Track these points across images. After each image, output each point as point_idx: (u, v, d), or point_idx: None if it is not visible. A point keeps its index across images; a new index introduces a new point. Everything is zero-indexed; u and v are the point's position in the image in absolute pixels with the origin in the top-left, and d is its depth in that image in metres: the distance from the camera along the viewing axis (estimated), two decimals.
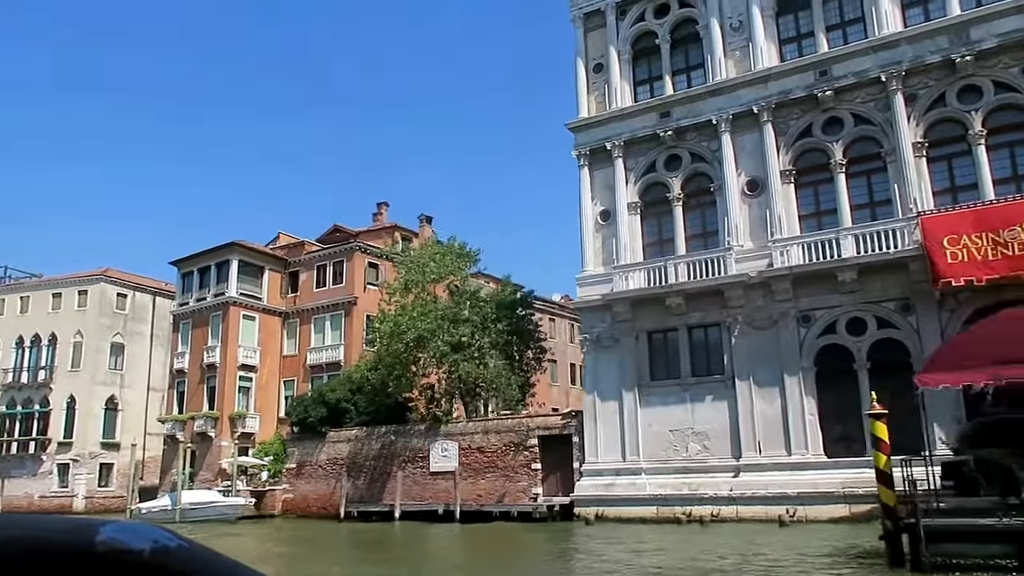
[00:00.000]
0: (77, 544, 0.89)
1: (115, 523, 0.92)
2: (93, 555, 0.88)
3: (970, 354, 12.05)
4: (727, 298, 26.20)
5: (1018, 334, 11.89)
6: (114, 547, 0.89)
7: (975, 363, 11.82)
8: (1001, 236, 21.68)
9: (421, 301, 33.17)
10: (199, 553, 0.95)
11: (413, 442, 32.70)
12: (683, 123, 28.59)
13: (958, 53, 24.04)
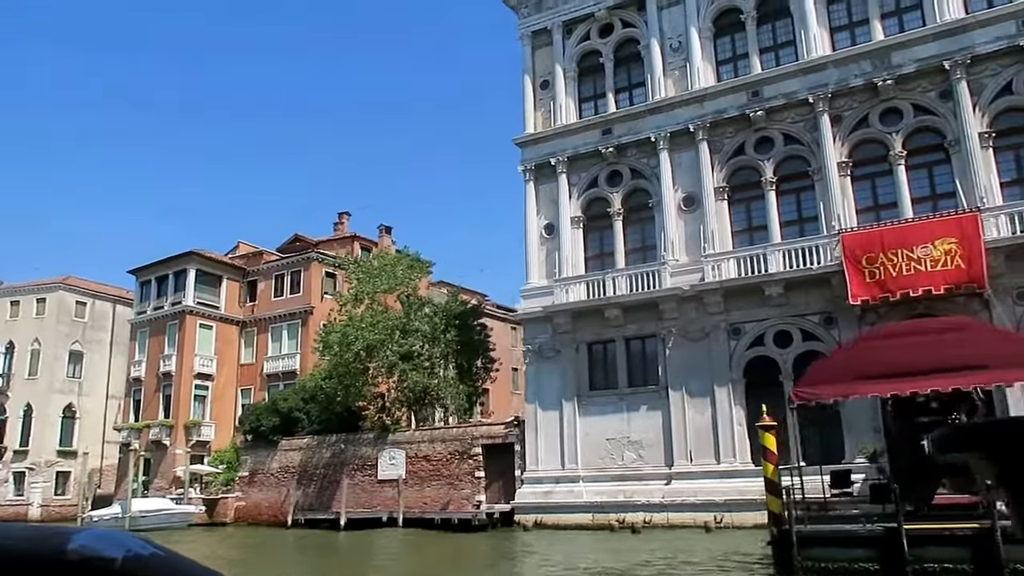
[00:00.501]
0: (47, 552, 0.87)
1: (88, 531, 0.92)
2: (64, 563, 0.86)
3: (840, 370, 12.83)
4: (662, 311, 26.99)
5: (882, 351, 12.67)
6: (85, 555, 0.87)
7: (843, 378, 12.60)
8: (915, 253, 22.64)
9: (371, 312, 33.69)
10: (173, 561, 0.92)
11: (362, 450, 33.17)
12: (624, 140, 29.42)
13: (880, 77, 25.06)
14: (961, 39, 24.18)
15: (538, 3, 32.44)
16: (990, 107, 23.82)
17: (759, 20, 28.30)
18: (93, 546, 0.88)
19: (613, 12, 30.88)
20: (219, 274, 44.26)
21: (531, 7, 32.59)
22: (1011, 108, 23.71)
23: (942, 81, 24.44)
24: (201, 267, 43.22)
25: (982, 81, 23.98)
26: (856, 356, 13.15)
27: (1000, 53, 23.68)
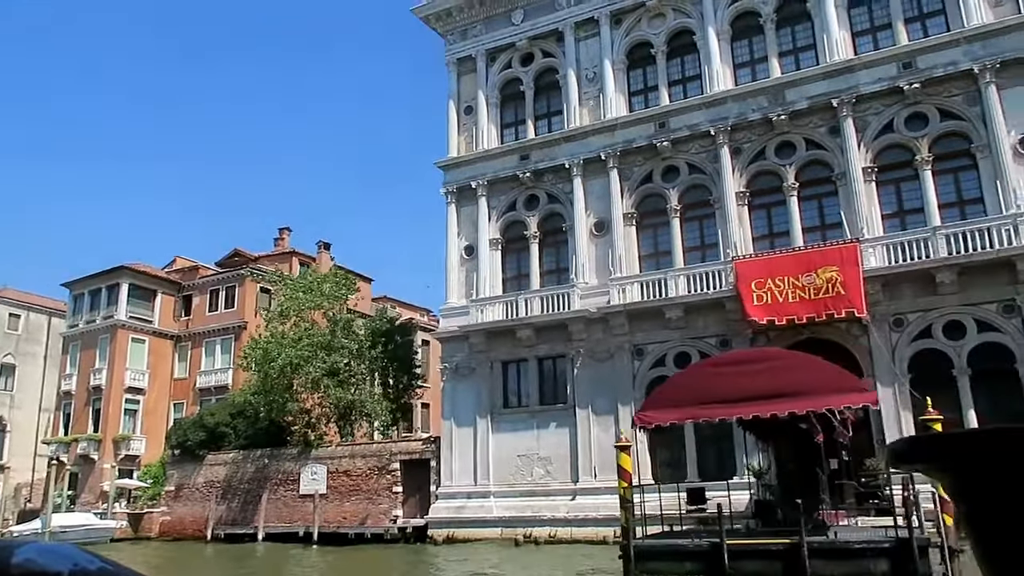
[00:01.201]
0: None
1: (33, 544, 0.87)
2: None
3: (678, 395, 13.84)
4: (571, 332, 27.98)
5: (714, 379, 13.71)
6: (30, 569, 0.81)
7: (680, 404, 13.61)
8: (800, 280, 23.92)
9: (295, 329, 34.23)
10: (120, 575, 0.87)
11: (286, 465, 33.61)
12: (541, 166, 30.48)
13: (775, 112, 26.44)
14: (848, 79, 25.67)
15: (464, 31, 33.48)
16: (873, 143, 25.29)
17: (668, 55, 29.61)
18: (38, 560, 0.85)
19: (534, 42, 32.02)
20: (153, 288, 44.42)
21: (457, 35, 33.61)
22: (892, 145, 25.20)
23: (831, 118, 25.88)
24: (134, 281, 43.36)
25: (866, 119, 25.46)
26: (691, 383, 14.17)
27: (882, 93, 25.18)
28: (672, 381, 14.87)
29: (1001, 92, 23.68)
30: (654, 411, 14.06)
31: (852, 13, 26.86)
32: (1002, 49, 23.72)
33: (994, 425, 1.09)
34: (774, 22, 27.85)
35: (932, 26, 25.57)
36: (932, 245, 23.09)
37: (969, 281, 22.74)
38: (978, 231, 22.66)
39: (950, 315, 23.03)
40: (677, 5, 29.51)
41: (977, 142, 23.89)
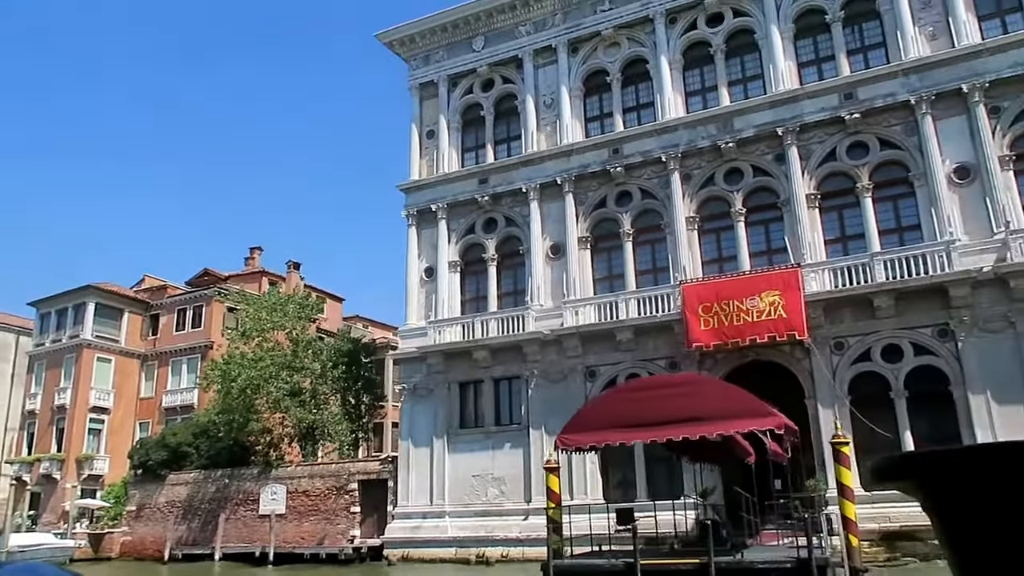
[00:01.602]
0: None
1: (10, 566, 1.25)
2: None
3: (596, 419, 14.28)
4: (525, 353, 28.40)
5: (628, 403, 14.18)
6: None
7: (598, 427, 14.05)
8: (744, 304, 24.50)
9: (258, 349, 34.45)
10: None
11: (246, 485, 33.71)
12: (499, 190, 31.01)
13: (723, 140, 27.14)
14: (793, 108, 26.42)
15: (426, 57, 34.10)
16: (816, 171, 26.01)
17: (623, 82, 30.33)
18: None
19: (494, 68, 32.68)
20: (120, 307, 44.52)
21: (420, 60, 34.23)
22: (834, 172, 25.93)
23: (777, 146, 26.59)
24: (101, 300, 43.45)
25: (810, 147, 26.19)
26: (609, 407, 14.62)
27: (825, 122, 25.93)
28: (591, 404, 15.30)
29: (936, 123, 24.48)
30: (574, 434, 14.49)
31: (798, 45, 27.69)
32: (937, 81, 24.55)
33: (971, 444, 1.21)
34: (723, 52, 28.63)
35: (873, 58, 26.42)
36: (871, 270, 23.75)
37: (906, 306, 23.39)
38: (913, 257, 23.35)
39: (888, 339, 23.65)
40: (631, 35, 30.27)
41: (915, 171, 24.65)
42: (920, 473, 1.13)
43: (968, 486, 1.07)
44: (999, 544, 1.06)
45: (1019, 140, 23.83)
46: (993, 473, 1.04)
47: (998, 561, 1.06)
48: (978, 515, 1.07)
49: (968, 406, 22.21)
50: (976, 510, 1.07)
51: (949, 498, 1.10)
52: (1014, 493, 1.02)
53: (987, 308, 22.50)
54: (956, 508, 1.09)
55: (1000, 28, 24.87)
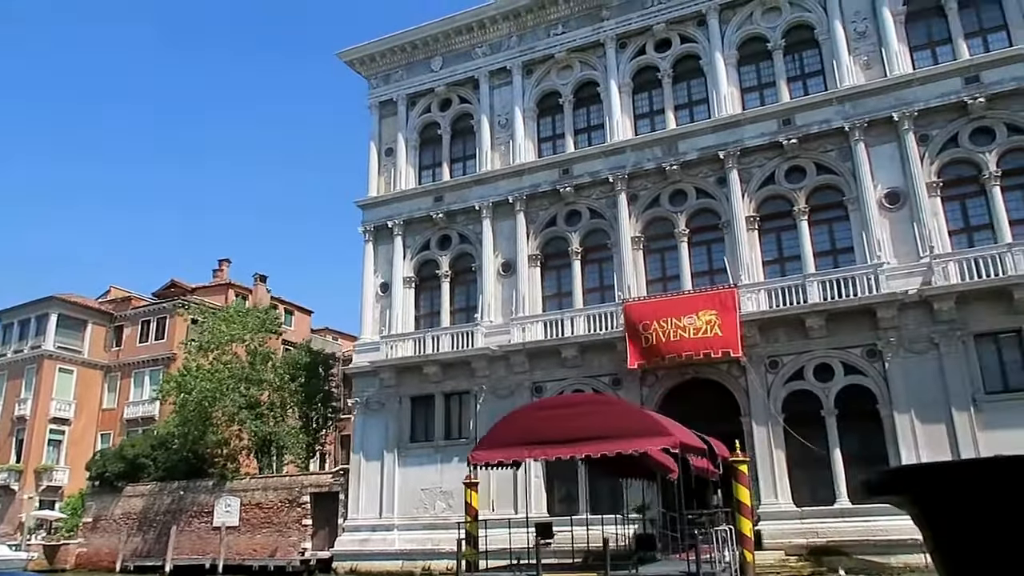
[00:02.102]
0: None
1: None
2: None
3: (509, 435, 14.79)
4: (474, 368, 28.90)
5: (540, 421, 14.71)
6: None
7: (510, 443, 14.56)
8: (682, 322, 25.14)
9: (215, 362, 34.74)
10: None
11: (201, 497, 33.91)
12: (453, 207, 31.59)
13: (668, 162, 27.86)
14: (734, 132, 27.19)
15: (386, 76, 34.71)
16: (756, 194, 26.75)
17: (575, 104, 31.05)
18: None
19: (451, 88, 33.33)
20: (84, 319, 44.66)
21: (380, 79, 34.83)
22: (773, 196, 26.68)
23: (719, 169, 27.33)
24: (64, 311, 43.59)
25: (751, 170, 26.94)
26: (518, 424, 15.11)
27: (765, 147, 26.71)
28: (503, 422, 15.80)
29: (869, 149, 25.31)
30: (485, 450, 14.99)
31: (742, 71, 28.51)
32: (869, 109, 25.40)
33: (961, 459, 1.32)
34: (671, 77, 29.41)
35: (812, 85, 27.25)
36: (803, 292, 24.46)
37: (837, 326, 24.10)
38: (844, 279, 24.09)
39: (820, 358, 24.34)
40: (583, 58, 31.02)
41: (849, 195, 25.44)
42: (911, 487, 1.15)
43: (959, 500, 1.08)
44: (990, 557, 1.06)
45: (946, 167, 24.67)
46: (983, 487, 1.06)
47: (989, 574, 1.06)
48: (968, 528, 1.08)
49: (894, 424, 22.90)
50: (967, 523, 1.09)
51: (940, 512, 1.11)
52: (1004, 507, 1.03)
53: (913, 330, 23.24)
54: (947, 521, 1.11)
55: (931, 59, 25.77)
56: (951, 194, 24.57)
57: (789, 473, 24.15)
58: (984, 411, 22.14)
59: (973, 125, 24.38)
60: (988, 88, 24.06)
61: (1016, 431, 21.55)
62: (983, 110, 24.12)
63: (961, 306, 22.70)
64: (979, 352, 22.69)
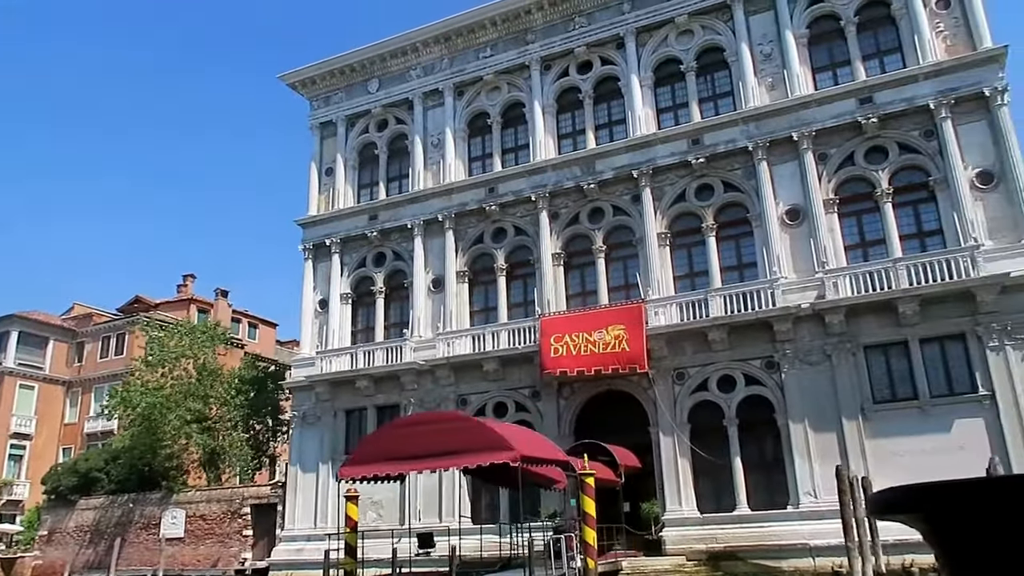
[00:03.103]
0: None
1: None
2: None
3: (373, 451, 15.73)
4: (403, 382, 29.84)
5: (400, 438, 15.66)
6: None
7: (375, 459, 15.50)
8: (592, 337, 26.10)
9: (163, 378, 35.69)
10: None
11: (149, 510, 34.83)
12: (388, 226, 32.56)
13: (586, 181, 28.85)
14: (647, 152, 28.18)
15: (327, 98, 35.75)
16: (668, 211, 27.72)
17: (503, 125, 32.05)
18: None
19: (388, 109, 34.36)
20: (46, 335, 45.62)
21: (320, 100, 35.87)
22: (684, 213, 27.65)
23: (633, 187, 28.30)
24: (25, 329, 44.55)
25: (663, 188, 27.93)
26: (381, 441, 16.07)
27: (676, 166, 27.68)
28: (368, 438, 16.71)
29: (772, 167, 26.29)
30: (351, 466, 15.93)
31: (658, 92, 29.51)
32: (772, 129, 26.39)
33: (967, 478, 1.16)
34: (592, 98, 30.43)
35: (723, 106, 28.25)
36: (707, 306, 25.42)
37: (738, 339, 25.06)
38: (745, 293, 25.05)
39: (723, 370, 25.28)
40: (511, 80, 32.05)
41: (753, 212, 26.40)
42: (922, 506, 1.15)
43: (970, 518, 1.08)
44: (999, 573, 1.06)
45: (843, 185, 25.65)
46: (994, 505, 1.06)
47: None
48: (980, 545, 1.09)
49: (789, 433, 23.83)
50: (978, 541, 1.09)
51: (951, 529, 1.12)
52: (1013, 524, 1.03)
53: (807, 342, 24.19)
54: (958, 539, 1.11)
55: (832, 80, 26.77)
56: (847, 210, 25.54)
57: (694, 481, 25.07)
58: (872, 420, 23.09)
59: (868, 144, 25.38)
60: (880, 108, 25.06)
61: (901, 439, 22.56)
62: (876, 130, 25.12)
63: (851, 319, 23.67)
64: (868, 363, 23.65)
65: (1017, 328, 22.00)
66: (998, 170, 23.57)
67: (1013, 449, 21.29)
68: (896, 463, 22.31)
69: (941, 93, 24.36)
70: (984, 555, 1.11)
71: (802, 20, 27.34)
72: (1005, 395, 21.71)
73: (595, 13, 30.63)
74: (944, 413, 22.37)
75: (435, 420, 16.61)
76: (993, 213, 23.43)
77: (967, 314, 22.53)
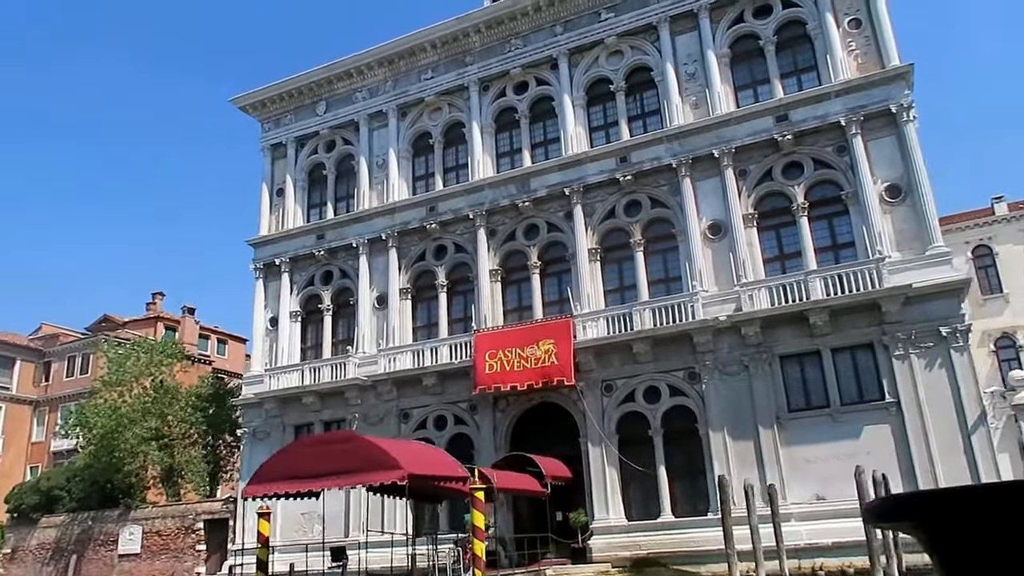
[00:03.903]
0: None
1: None
2: None
3: (274, 471, 16.47)
4: (347, 398, 30.58)
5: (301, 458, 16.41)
6: None
7: (278, 477, 16.24)
8: (523, 351, 26.88)
9: (118, 397, 36.36)
10: None
11: (108, 527, 35.47)
12: (334, 244, 33.35)
13: (521, 199, 29.66)
14: (578, 170, 29.01)
15: (277, 120, 36.58)
16: (599, 227, 28.54)
17: (445, 144, 32.89)
18: None
19: (335, 131, 35.19)
20: (12, 356, 46.27)
21: (271, 123, 36.69)
22: (613, 228, 28.46)
23: (566, 204, 29.12)
24: None
25: (593, 205, 28.75)
26: (284, 461, 16.81)
27: (605, 183, 28.52)
28: (271, 459, 17.46)
29: (695, 184, 27.14)
30: (254, 485, 16.67)
31: (590, 111, 30.37)
32: (695, 147, 27.24)
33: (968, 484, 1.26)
34: (528, 118, 31.28)
35: (651, 124, 29.10)
36: (631, 319, 26.21)
37: (662, 351, 25.85)
38: (668, 307, 25.85)
39: (648, 381, 26.07)
40: (451, 101, 32.90)
41: (678, 227, 27.23)
42: (919, 514, 1.16)
43: (968, 526, 1.09)
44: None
45: (762, 200, 26.50)
46: (992, 512, 1.06)
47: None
48: (978, 554, 1.09)
49: (710, 442, 24.61)
50: (976, 549, 1.09)
51: (948, 538, 1.12)
52: (1014, 532, 1.04)
53: (726, 353, 24.99)
54: (956, 547, 1.11)
55: (753, 98, 27.65)
56: (766, 224, 26.39)
57: (622, 490, 25.82)
58: (786, 428, 23.88)
59: (785, 160, 26.25)
60: (796, 125, 25.95)
61: (814, 446, 23.35)
62: (792, 146, 25.99)
63: (767, 330, 24.48)
64: (784, 373, 24.45)
65: (921, 337, 22.83)
66: (906, 184, 24.45)
67: (916, 454, 22.10)
68: (808, 470, 23.14)
69: (851, 110, 25.25)
70: (984, 563, 1.11)
71: (724, 40, 28.23)
72: (909, 402, 22.52)
73: (530, 35, 31.52)
74: (854, 420, 23.19)
75: (332, 440, 17.39)
76: (900, 226, 24.30)
77: (874, 324, 23.36)
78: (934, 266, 23.26)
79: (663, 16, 29.09)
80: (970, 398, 22.05)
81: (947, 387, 22.30)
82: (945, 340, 22.58)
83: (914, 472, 22.01)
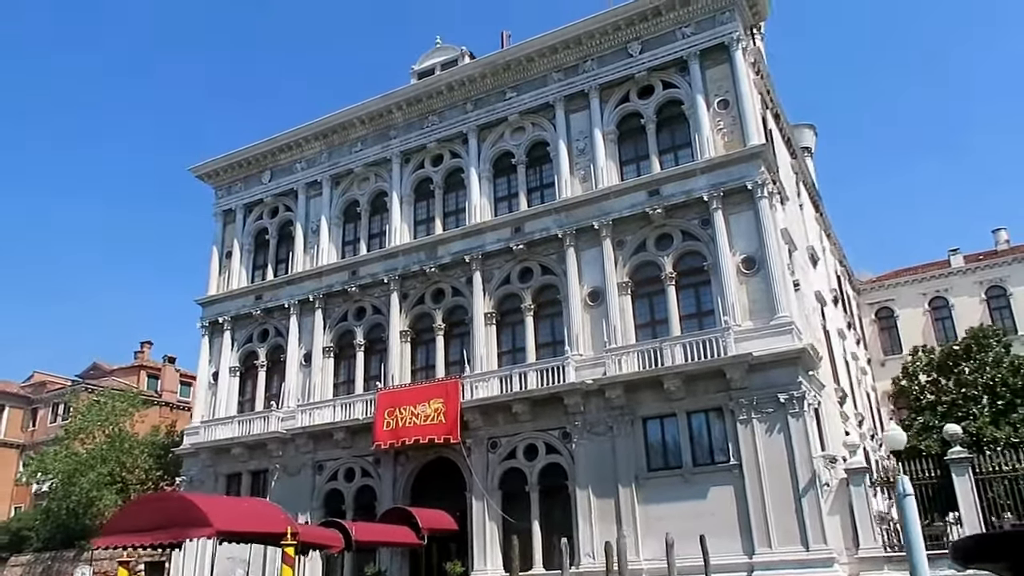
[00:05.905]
0: None
1: None
2: None
3: (119, 526, 18.63)
4: (270, 450, 32.80)
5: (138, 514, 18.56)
6: None
7: (122, 530, 18.41)
8: (416, 409, 28.86)
9: (80, 444, 39.21)
10: None
11: (64, 567, 38.07)
12: (270, 305, 35.90)
13: (429, 265, 31.86)
14: (479, 239, 31.13)
15: (229, 187, 39.58)
16: (496, 292, 30.55)
17: (370, 212, 35.38)
18: None
19: (278, 198, 37.99)
20: (2, 403, 49.68)
21: (224, 190, 39.70)
22: (508, 294, 30.41)
23: (467, 270, 31.22)
24: None
25: (491, 272, 30.80)
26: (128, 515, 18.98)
27: (501, 252, 30.55)
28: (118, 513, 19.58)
29: (579, 253, 29.02)
30: (102, 538, 18.90)
31: (496, 183, 32.58)
32: (579, 218, 29.19)
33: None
34: (442, 188, 33.62)
35: (547, 196, 31.13)
36: (515, 380, 28.03)
37: (540, 411, 27.57)
38: (544, 370, 27.62)
39: (528, 439, 27.76)
40: (377, 172, 35.46)
41: (562, 293, 29.08)
42: (1007, 553, 1.18)
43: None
44: None
45: (637, 270, 28.23)
46: None
47: None
48: None
49: (577, 499, 26.14)
50: None
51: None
52: None
53: (594, 414, 26.61)
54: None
55: (636, 172, 29.55)
56: (640, 292, 28.08)
57: (503, 542, 27.39)
58: (644, 487, 25.33)
59: (657, 232, 28.04)
60: (666, 200, 27.76)
61: (666, 504, 24.74)
62: (663, 219, 27.79)
63: (630, 394, 26.07)
64: (646, 434, 25.96)
65: (762, 403, 24.23)
66: (760, 257, 26.03)
67: (754, 514, 23.37)
68: (660, 527, 24.40)
69: (713, 186, 27.02)
70: None
71: (611, 118, 30.29)
72: (750, 465, 23.85)
73: (445, 111, 34.00)
74: (702, 481, 24.57)
75: (163, 498, 19.63)
76: (754, 296, 25.84)
77: (723, 390, 24.82)
78: (777, 335, 24.72)
79: (559, 96, 31.31)
80: (803, 462, 23.31)
81: (783, 451, 23.60)
82: (783, 406, 23.94)
83: (751, 532, 23.26)
